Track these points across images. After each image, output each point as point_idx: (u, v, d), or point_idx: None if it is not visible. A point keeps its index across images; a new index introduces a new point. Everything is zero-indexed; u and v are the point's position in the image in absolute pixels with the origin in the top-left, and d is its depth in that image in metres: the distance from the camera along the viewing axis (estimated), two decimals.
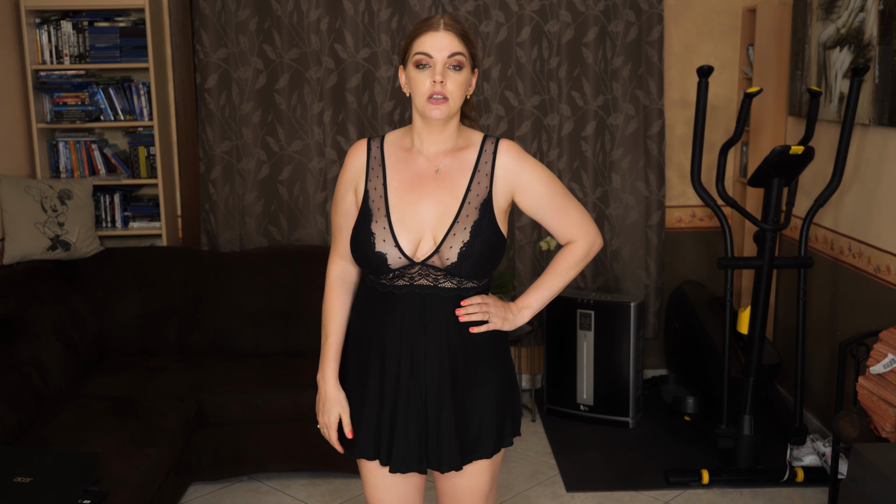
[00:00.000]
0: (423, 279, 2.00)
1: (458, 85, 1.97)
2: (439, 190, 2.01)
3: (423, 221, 2.00)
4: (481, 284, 2.06)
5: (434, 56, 1.95)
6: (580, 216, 2.11)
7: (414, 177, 2.03)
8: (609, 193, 4.43)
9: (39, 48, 4.10)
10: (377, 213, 2.01)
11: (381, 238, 1.99)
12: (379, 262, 1.99)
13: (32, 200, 3.83)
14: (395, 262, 1.99)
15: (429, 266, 1.99)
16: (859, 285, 3.58)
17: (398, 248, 1.98)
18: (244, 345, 3.95)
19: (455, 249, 1.97)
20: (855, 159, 3.60)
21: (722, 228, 3.62)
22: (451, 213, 1.99)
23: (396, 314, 2.03)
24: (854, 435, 2.95)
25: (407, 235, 1.99)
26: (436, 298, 2.01)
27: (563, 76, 4.32)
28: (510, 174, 2.03)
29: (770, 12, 4.18)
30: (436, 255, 1.98)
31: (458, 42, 1.96)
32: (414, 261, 1.99)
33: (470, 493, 2.13)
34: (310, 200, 4.38)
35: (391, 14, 4.24)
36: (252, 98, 4.30)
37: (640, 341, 4.13)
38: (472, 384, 2.06)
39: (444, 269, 1.98)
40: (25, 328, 3.39)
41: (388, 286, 2.03)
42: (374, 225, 2.00)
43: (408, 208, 2.01)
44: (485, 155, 2.04)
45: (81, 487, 2.52)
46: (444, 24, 1.97)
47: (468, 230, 1.98)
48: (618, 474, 3.68)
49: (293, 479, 3.66)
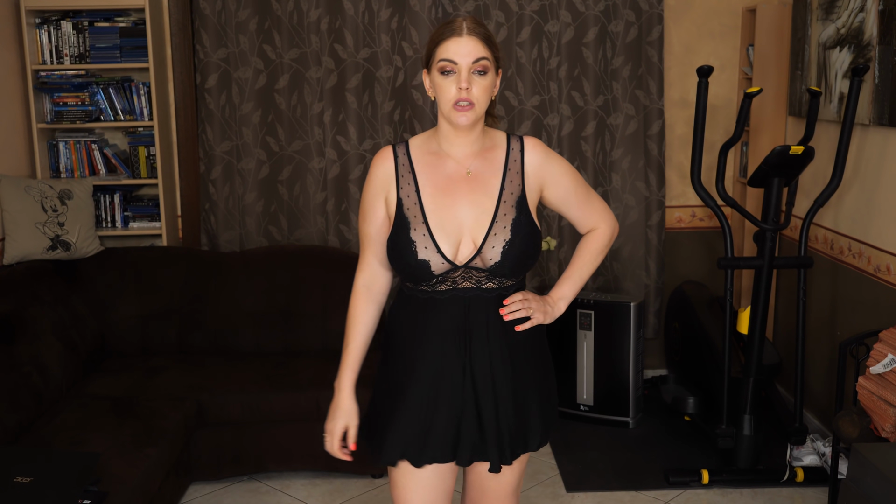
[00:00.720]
0: (466, 282, 2.01)
1: (483, 90, 1.97)
2: (473, 191, 2.02)
3: (461, 224, 2.00)
4: (519, 282, 2.08)
5: (459, 62, 1.94)
6: (601, 204, 2.19)
7: (446, 180, 2.03)
8: (609, 193, 4.43)
9: (39, 48, 4.10)
10: (414, 220, 2.00)
11: (422, 245, 1.98)
12: (423, 270, 1.99)
13: (32, 200, 3.83)
14: (439, 268, 1.99)
15: (472, 268, 2.00)
16: (859, 285, 3.58)
17: (440, 254, 1.98)
18: (244, 345, 3.96)
19: (498, 249, 1.98)
20: (855, 159, 3.60)
21: (722, 228, 3.62)
22: (488, 213, 2.00)
23: (441, 319, 2.03)
24: (854, 435, 2.95)
25: (447, 239, 1.99)
26: (479, 300, 2.02)
27: (563, 76, 4.32)
28: (539, 170, 2.08)
29: (770, 12, 4.18)
30: (478, 256, 1.99)
31: (483, 46, 1.96)
32: (457, 264, 1.99)
33: (506, 486, 2.19)
34: (310, 200, 4.38)
35: (391, 14, 4.24)
36: (252, 98, 4.30)
37: (640, 341, 4.13)
38: (520, 382, 2.09)
39: (487, 270, 1.99)
40: (25, 328, 3.39)
41: (430, 292, 2.03)
42: (414, 233, 1.99)
43: (444, 212, 2.00)
44: (513, 153, 2.06)
45: (81, 487, 2.52)
46: (467, 29, 1.96)
47: (508, 228, 2.00)
48: (618, 474, 3.68)
49: (293, 479, 3.66)
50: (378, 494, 3.53)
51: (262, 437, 3.55)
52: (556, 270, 4.48)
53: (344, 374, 2.15)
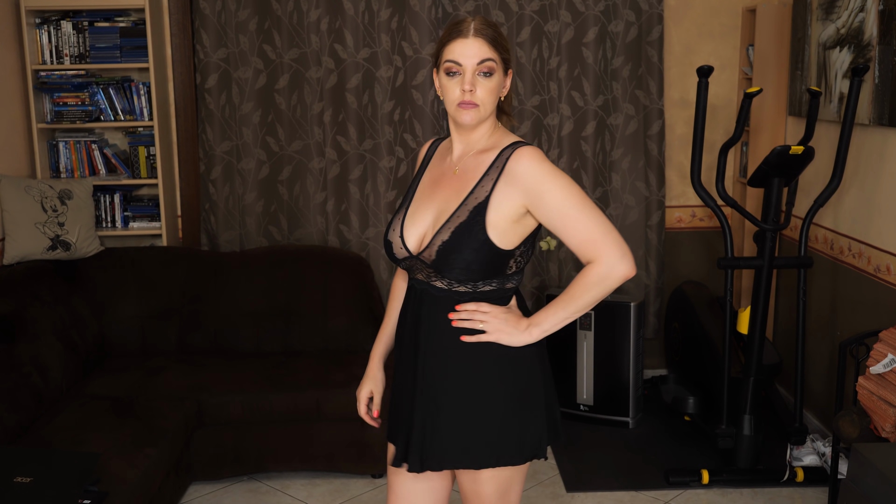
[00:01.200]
0: (419, 274, 2.04)
1: (488, 91, 1.96)
2: (448, 189, 2.03)
3: (428, 218, 2.04)
4: (479, 291, 1.99)
5: (463, 63, 1.94)
6: (600, 234, 1.92)
7: (439, 175, 2.09)
8: (609, 193, 4.43)
9: (39, 48, 4.10)
10: (401, 204, 2.12)
11: (393, 227, 2.08)
12: (388, 248, 2.08)
13: (32, 200, 3.83)
14: (399, 253, 2.05)
15: (421, 261, 2.01)
16: (859, 285, 3.58)
17: (401, 239, 2.04)
18: (244, 345, 3.95)
19: (435, 248, 1.97)
20: (855, 159, 3.60)
21: (722, 228, 3.62)
22: (447, 212, 1.99)
23: (407, 306, 2.11)
24: (854, 435, 2.95)
25: (413, 229, 2.04)
26: (428, 295, 2.03)
27: (563, 76, 4.32)
28: (520, 182, 1.93)
29: (770, 12, 4.18)
30: (426, 250, 1.99)
31: (489, 48, 1.95)
32: (411, 253, 2.03)
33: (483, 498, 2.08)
34: (310, 200, 4.38)
35: (391, 14, 4.24)
36: (252, 98, 4.30)
37: (640, 341, 4.13)
38: (464, 389, 2.01)
39: (430, 266, 2.00)
40: (25, 328, 3.39)
41: (409, 279, 2.11)
42: (396, 215, 2.10)
43: (422, 203, 2.07)
44: (499, 160, 1.97)
45: (81, 487, 2.52)
46: (474, 30, 1.95)
47: (451, 231, 1.95)
48: (618, 474, 3.68)
49: (293, 479, 3.66)
50: (378, 494, 3.53)
51: (262, 437, 3.55)
52: (555, 270, 4.48)
53: (377, 343, 2.27)
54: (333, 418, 3.53)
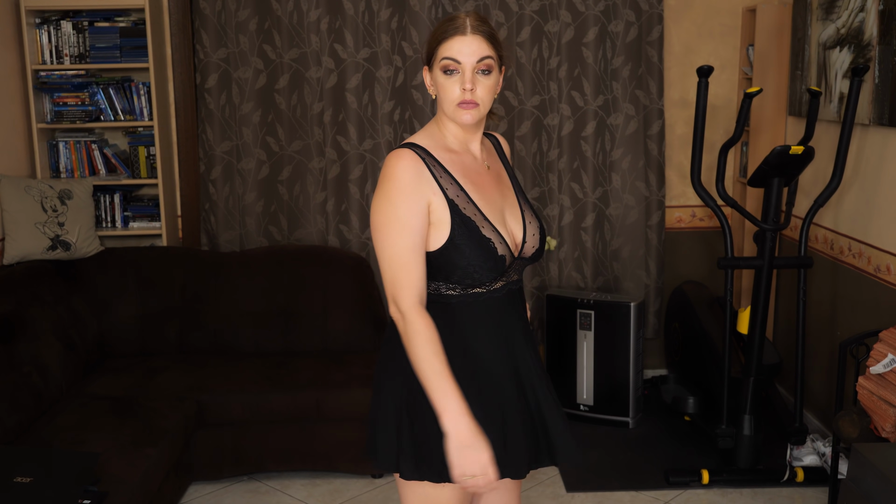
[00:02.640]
0: (515, 273, 2.01)
1: (487, 89, 1.92)
2: (498, 184, 2.03)
3: (502, 217, 1.98)
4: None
5: (463, 62, 1.88)
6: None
7: (475, 176, 1.98)
8: (609, 193, 4.43)
9: (39, 48, 4.10)
10: (477, 218, 1.90)
11: (497, 241, 1.90)
12: (500, 266, 1.91)
13: (32, 200, 3.83)
14: (509, 261, 1.95)
15: (522, 258, 2.00)
16: (859, 285, 3.58)
17: (506, 246, 1.93)
18: (244, 345, 3.96)
19: (537, 236, 2.01)
20: (855, 159, 3.60)
21: (722, 228, 3.62)
22: (514, 203, 2.02)
23: (494, 317, 1.94)
24: (854, 435, 2.95)
25: (503, 233, 1.96)
26: (517, 293, 2.03)
27: (563, 76, 4.32)
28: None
29: (770, 12, 4.18)
30: (525, 244, 1.98)
31: (487, 45, 1.91)
32: (515, 256, 1.98)
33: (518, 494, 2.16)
34: (310, 200, 4.38)
35: (391, 14, 4.24)
36: (252, 98, 4.30)
37: (640, 341, 4.13)
38: (547, 383, 2.08)
39: (529, 259, 2.00)
40: (25, 328, 3.39)
41: (486, 293, 1.93)
42: (485, 230, 1.90)
43: (491, 207, 1.95)
44: (498, 147, 2.15)
45: (81, 487, 2.52)
46: (471, 27, 1.90)
47: (533, 215, 2.03)
48: (618, 474, 3.68)
49: (293, 479, 3.66)
50: (378, 495, 3.53)
51: (262, 437, 3.55)
52: (556, 270, 4.48)
53: (460, 398, 1.83)
54: (333, 418, 3.53)
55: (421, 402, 1.88)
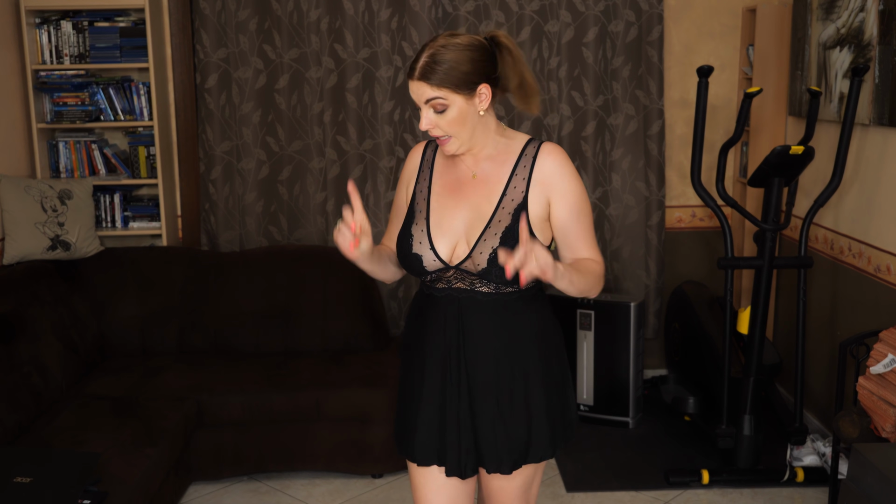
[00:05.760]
0: (460, 283, 2.00)
1: (450, 123, 1.94)
2: (475, 195, 2.01)
3: (458, 226, 2.00)
4: (526, 289, 2.02)
5: (418, 102, 1.95)
6: (596, 249, 2.04)
7: (454, 181, 2.04)
8: (609, 193, 4.43)
9: (39, 48, 4.10)
10: (419, 215, 2.03)
11: (418, 240, 2.00)
12: (415, 264, 2.01)
13: (32, 200, 3.83)
14: (431, 265, 1.99)
15: (463, 270, 1.99)
16: (859, 285, 3.58)
17: (433, 251, 1.99)
18: (244, 345, 3.95)
19: (485, 255, 1.95)
20: (855, 159, 3.60)
21: (722, 228, 3.62)
22: (484, 218, 1.98)
23: (438, 316, 2.04)
24: (854, 435, 2.95)
25: (443, 239, 1.99)
26: (472, 302, 2.00)
27: (563, 76, 4.32)
28: (549, 179, 1.98)
29: (770, 12, 4.18)
30: (468, 259, 1.97)
31: (430, 88, 1.90)
32: (448, 264, 1.99)
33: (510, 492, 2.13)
34: (310, 200, 4.38)
35: (391, 14, 4.24)
36: (252, 98, 4.30)
37: (640, 341, 4.13)
38: (519, 388, 2.05)
39: (476, 275, 1.98)
40: (25, 328, 3.39)
41: (430, 288, 2.06)
42: (415, 227, 2.02)
43: (445, 212, 2.01)
44: (524, 159, 2.01)
45: (81, 487, 2.52)
46: (418, 70, 1.91)
47: (498, 236, 1.95)
48: (618, 474, 3.68)
49: (293, 479, 3.66)
50: (378, 495, 3.53)
51: (262, 437, 3.55)
52: None
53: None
54: (333, 418, 3.53)
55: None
